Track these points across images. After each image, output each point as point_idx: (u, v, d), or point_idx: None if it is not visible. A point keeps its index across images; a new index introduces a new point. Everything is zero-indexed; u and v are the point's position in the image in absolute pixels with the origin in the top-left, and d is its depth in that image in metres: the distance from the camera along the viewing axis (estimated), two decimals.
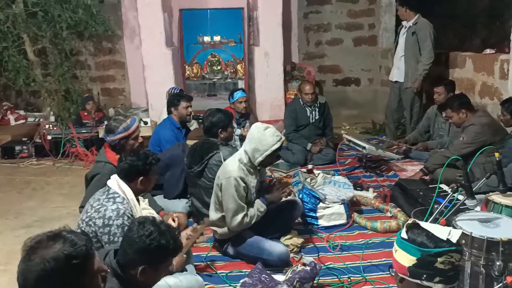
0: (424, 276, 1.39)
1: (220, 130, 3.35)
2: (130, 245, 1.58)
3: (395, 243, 1.47)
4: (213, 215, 2.90)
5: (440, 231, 1.44)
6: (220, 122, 3.34)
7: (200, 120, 4.13)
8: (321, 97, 4.97)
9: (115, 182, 2.30)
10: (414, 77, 4.94)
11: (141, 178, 2.30)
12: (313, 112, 4.85)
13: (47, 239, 1.25)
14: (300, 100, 4.84)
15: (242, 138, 4.32)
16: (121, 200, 2.22)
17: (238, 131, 4.35)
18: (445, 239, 1.41)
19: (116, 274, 1.58)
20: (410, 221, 1.49)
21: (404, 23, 5.12)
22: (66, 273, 1.21)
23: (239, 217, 2.72)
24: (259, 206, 2.80)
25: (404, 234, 1.44)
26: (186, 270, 2.40)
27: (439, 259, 1.37)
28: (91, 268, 1.26)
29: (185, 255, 2.36)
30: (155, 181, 2.39)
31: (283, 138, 2.79)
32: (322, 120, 4.90)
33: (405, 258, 1.42)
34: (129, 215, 2.17)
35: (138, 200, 2.35)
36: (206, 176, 3.25)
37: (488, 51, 4.80)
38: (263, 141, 2.71)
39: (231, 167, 2.74)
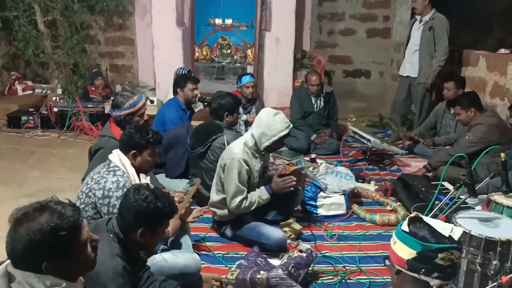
0: (423, 270, 1.39)
1: (226, 113, 3.33)
2: (128, 210, 1.65)
3: (394, 235, 1.46)
4: (214, 196, 2.91)
5: (442, 227, 1.43)
6: (228, 105, 3.32)
7: (206, 103, 4.08)
8: (327, 86, 4.89)
9: (117, 156, 2.31)
10: (427, 73, 4.86)
11: (133, 151, 2.26)
12: (318, 101, 4.81)
13: (33, 210, 1.24)
14: (306, 88, 4.80)
15: (248, 124, 4.29)
16: (122, 173, 2.23)
17: (244, 117, 4.33)
18: (447, 235, 1.40)
19: (119, 239, 1.65)
20: (413, 214, 1.47)
21: (417, 17, 5.02)
22: (53, 244, 1.21)
23: (237, 199, 2.73)
24: (263, 194, 2.79)
25: (405, 227, 1.42)
26: (180, 237, 2.42)
27: (440, 255, 1.36)
28: (79, 238, 1.26)
29: (179, 220, 2.36)
30: (153, 161, 2.33)
31: (291, 125, 2.79)
32: (327, 110, 4.86)
33: (404, 251, 1.41)
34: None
35: (139, 177, 2.34)
36: (208, 158, 3.24)
37: (502, 50, 4.71)
38: (271, 126, 2.70)
39: (236, 149, 2.75)
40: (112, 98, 4.47)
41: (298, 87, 5.21)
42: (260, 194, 2.77)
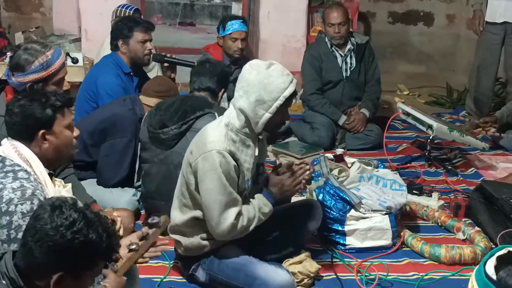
0: None
1: (223, 89, 2.79)
2: (41, 241, 1.34)
3: (473, 279, 1.12)
4: (177, 215, 2.29)
5: None
6: (222, 77, 2.78)
7: (167, 64, 3.20)
8: (359, 35, 3.86)
9: (11, 148, 1.84)
10: None
11: (41, 131, 1.83)
12: (348, 60, 3.72)
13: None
14: (327, 40, 3.73)
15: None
16: (26, 175, 1.79)
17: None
18: None
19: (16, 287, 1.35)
20: (503, 251, 1.15)
21: None
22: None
23: (229, 216, 2.10)
24: (262, 204, 2.18)
25: (490, 269, 1.08)
26: None
27: None
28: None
29: (125, 277, 1.80)
30: (69, 142, 1.89)
31: (295, 80, 2.15)
32: (363, 73, 3.79)
33: None
34: (41, 198, 1.77)
35: (52, 179, 1.88)
36: (185, 145, 2.49)
37: None
38: (269, 85, 2.11)
39: (214, 136, 2.15)
40: (9, 54, 3.43)
41: (313, 42, 4.12)
42: (259, 205, 2.17)
